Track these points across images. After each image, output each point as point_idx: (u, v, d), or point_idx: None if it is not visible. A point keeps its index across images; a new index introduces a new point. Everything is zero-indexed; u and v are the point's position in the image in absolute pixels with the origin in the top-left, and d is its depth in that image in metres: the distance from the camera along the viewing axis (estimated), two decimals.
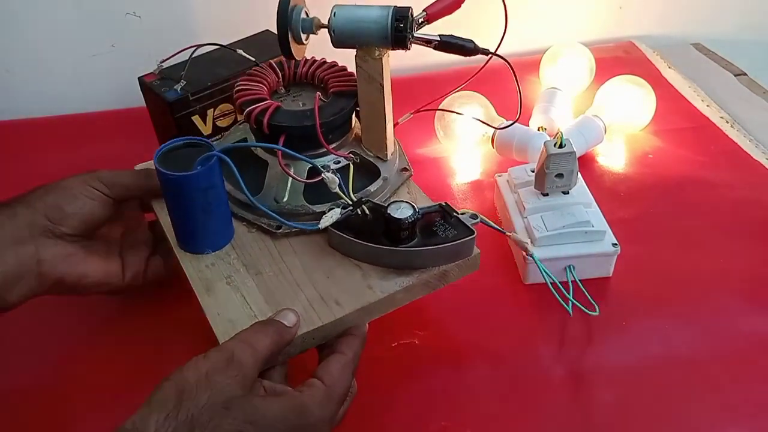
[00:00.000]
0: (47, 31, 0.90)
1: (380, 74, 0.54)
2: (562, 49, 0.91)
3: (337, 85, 0.58)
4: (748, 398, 0.53)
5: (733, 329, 0.59)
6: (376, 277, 0.52)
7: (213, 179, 0.51)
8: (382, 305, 0.51)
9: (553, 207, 0.63)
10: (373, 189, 0.57)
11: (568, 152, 0.62)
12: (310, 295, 0.51)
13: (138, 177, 0.57)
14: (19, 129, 0.90)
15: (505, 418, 0.53)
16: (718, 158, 0.79)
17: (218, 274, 0.53)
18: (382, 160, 0.59)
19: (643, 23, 1.06)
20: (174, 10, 0.91)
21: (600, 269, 0.63)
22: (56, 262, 0.52)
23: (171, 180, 0.50)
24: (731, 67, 0.99)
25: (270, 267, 0.53)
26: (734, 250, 0.66)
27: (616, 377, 0.55)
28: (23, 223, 0.51)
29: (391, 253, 0.52)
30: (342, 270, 0.52)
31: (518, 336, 0.59)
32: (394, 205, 0.51)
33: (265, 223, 0.56)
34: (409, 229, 0.51)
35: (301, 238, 0.55)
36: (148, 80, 0.74)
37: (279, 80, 0.60)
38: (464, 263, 0.53)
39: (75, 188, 0.54)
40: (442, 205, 0.54)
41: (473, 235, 0.52)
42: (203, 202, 0.51)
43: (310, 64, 0.61)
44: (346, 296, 0.50)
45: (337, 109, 0.56)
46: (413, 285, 0.52)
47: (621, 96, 0.81)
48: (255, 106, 0.55)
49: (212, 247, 0.54)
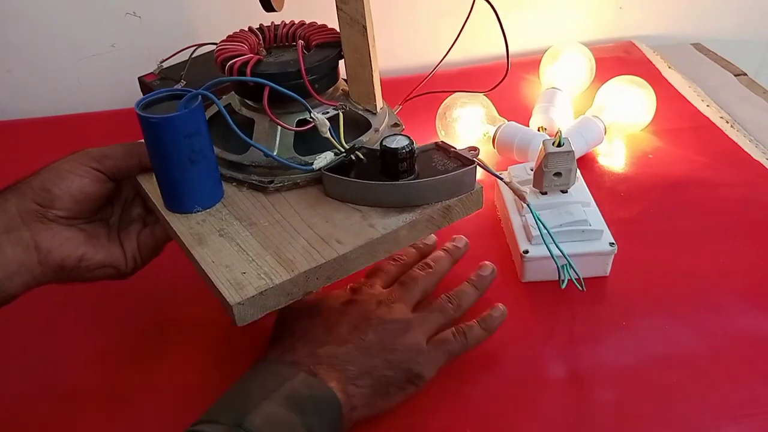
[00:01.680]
0: (47, 31, 0.90)
1: (362, 15, 0.52)
2: (562, 49, 0.91)
3: (319, 38, 0.57)
4: (748, 398, 0.53)
5: (733, 329, 0.59)
6: (377, 217, 0.50)
7: (198, 124, 0.48)
8: (386, 242, 0.49)
9: (551, 205, 0.63)
10: (365, 140, 0.55)
11: (566, 151, 0.62)
12: (309, 236, 0.49)
13: (127, 147, 0.55)
14: (19, 129, 0.90)
15: (505, 418, 0.53)
16: (718, 158, 0.79)
17: (210, 228, 0.50)
18: (371, 113, 0.57)
19: (643, 23, 1.06)
20: (174, 10, 0.91)
21: (597, 268, 0.63)
22: (54, 246, 0.50)
23: (154, 124, 0.46)
24: (731, 67, 0.99)
25: (264, 218, 0.51)
26: (734, 250, 0.66)
27: (615, 377, 0.55)
28: (14, 211, 0.50)
29: (390, 189, 0.50)
30: (341, 214, 0.51)
31: (517, 335, 0.59)
32: (389, 138, 0.50)
33: (256, 179, 0.53)
34: (407, 160, 0.49)
35: (294, 192, 0.53)
36: (148, 80, 0.74)
37: (260, 42, 0.58)
38: (467, 198, 0.51)
39: (62, 167, 0.52)
40: (437, 143, 0.53)
41: (473, 164, 0.50)
42: (189, 150, 0.48)
43: (289, 25, 0.59)
44: (347, 235, 0.49)
45: (322, 56, 0.54)
46: (416, 220, 0.50)
47: (621, 96, 0.81)
48: (236, 60, 0.53)
49: (201, 204, 0.52)
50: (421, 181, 0.50)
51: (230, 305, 0.44)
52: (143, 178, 0.55)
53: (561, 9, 1.02)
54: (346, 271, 0.48)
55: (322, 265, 0.47)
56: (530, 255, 0.61)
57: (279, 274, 0.46)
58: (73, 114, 0.92)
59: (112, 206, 0.57)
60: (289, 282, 0.46)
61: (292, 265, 0.47)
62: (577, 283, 0.58)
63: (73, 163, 0.52)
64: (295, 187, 0.53)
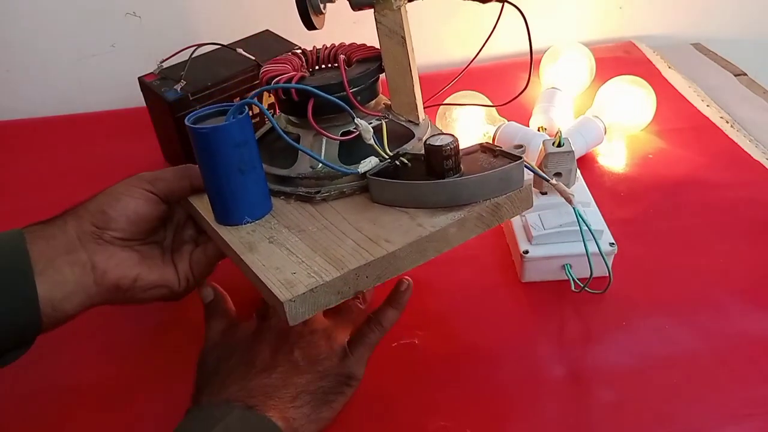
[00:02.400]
0: (47, 31, 0.90)
1: (401, 26, 0.53)
2: (562, 49, 0.91)
3: (359, 54, 0.58)
4: (748, 398, 0.53)
5: (733, 329, 0.59)
6: (426, 216, 0.50)
7: (246, 133, 0.49)
8: (435, 242, 0.49)
9: (551, 206, 0.63)
10: (409, 147, 0.56)
11: (566, 151, 0.62)
12: (357, 238, 0.49)
13: (178, 170, 0.57)
14: (19, 129, 0.90)
15: (505, 418, 0.53)
16: (718, 158, 0.79)
17: (260, 236, 0.51)
18: (414, 124, 0.58)
19: (643, 23, 1.06)
20: (174, 10, 0.91)
21: (597, 268, 0.63)
22: (110, 267, 0.52)
23: (204, 135, 0.48)
24: (731, 67, 0.99)
25: (313, 225, 0.52)
26: (734, 250, 0.66)
27: (615, 377, 0.55)
28: (73, 233, 0.51)
29: (437, 188, 0.49)
30: (388, 216, 0.51)
31: (517, 335, 0.59)
32: (432, 137, 0.50)
33: (303, 191, 0.54)
34: (452, 158, 0.49)
35: (341, 201, 0.54)
36: (148, 80, 0.74)
37: (303, 64, 0.60)
38: (516, 196, 0.51)
39: (117, 191, 0.53)
40: (482, 144, 0.53)
41: (521, 160, 0.50)
42: (238, 159, 0.49)
43: (330, 48, 0.61)
44: (395, 235, 0.49)
45: (363, 69, 0.55)
46: (465, 218, 0.49)
47: (621, 96, 0.81)
48: (280, 77, 0.54)
49: (251, 215, 0.52)
50: (468, 177, 0.49)
51: (281, 302, 0.44)
52: (194, 197, 0.57)
53: (561, 9, 1.02)
54: (396, 270, 0.48)
55: (371, 263, 0.47)
56: (530, 255, 0.61)
57: (329, 272, 0.46)
58: (73, 114, 0.92)
59: (165, 229, 0.58)
60: (339, 279, 0.46)
61: (341, 263, 0.47)
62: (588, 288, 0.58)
63: (127, 186, 0.54)
64: (341, 196, 0.54)
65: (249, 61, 0.75)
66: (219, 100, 0.74)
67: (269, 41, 0.81)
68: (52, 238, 0.50)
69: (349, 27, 0.68)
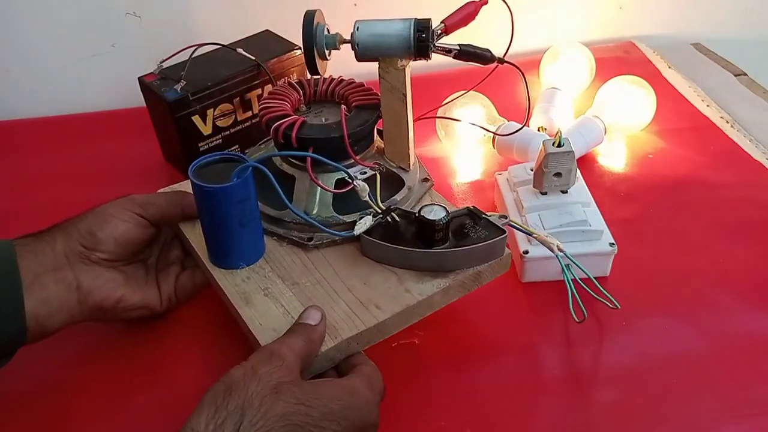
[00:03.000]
0: (47, 31, 0.90)
1: (403, 84, 0.56)
2: (562, 49, 0.91)
3: (358, 99, 0.60)
4: (748, 398, 0.53)
5: (733, 329, 0.59)
6: (413, 281, 0.53)
7: (248, 191, 0.52)
8: (421, 308, 0.52)
9: (551, 206, 0.63)
10: (398, 198, 0.59)
11: (567, 151, 0.62)
12: (349, 300, 0.52)
13: (171, 197, 0.58)
14: (19, 129, 0.90)
15: (505, 418, 0.53)
16: (718, 158, 0.79)
17: (255, 286, 0.53)
18: (405, 171, 0.61)
19: (643, 23, 1.06)
20: (174, 10, 0.91)
21: (597, 268, 0.63)
22: (94, 288, 0.52)
23: (209, 193, 0.50)
24: (731, 67, 0.99)
25: (306, 277, 0.54)
26: (734, 250, 0.66)
27: (616, 377, 0.55)
28: (61, 250, 0.51)
29: (425, 256, 0.53)
30: (378, 276, 0.53)
31: (517, 335, 0.59)
32: (426, 208, 0.53)
33: (296, 235, 0.57)
34: (443, 231, 0.52)
35: (332, 249, 0.56)
36: (148, 80, 0.74)
37: (300, 98, 0.62)
38: (497, 263, 0.54)
39: (107, 212, 0.54)
40: (470, 208, 0.55)
41: (504, 234, 0.53)
42: (239, 214, 0.52)
43: (329, 82, 0.63)
44: (385, 300, 0.51)
45: (362, 121, 0.58)
46: (450, 286, 0.53)
47: (621, 96, 0.81)
48: (282, 121, 0.57)
49: (246, 261, 0.55)
50: (455, 249, 0.53)
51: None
52: (187, 228, 0.58)
53: (561, 9, 1.02)
54: (383, 335, 0.51)
55: (362, 332, 0.49)
56: (530, 255, 0.61)
57: (324, 342, 0.48)
58: (73, 114, 0.92)
59: (151, 248, 0.59)
60: (333, 349, 0.48)
61: (335, 331, 0.49)
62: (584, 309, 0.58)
63: (117, 208, 0.54)
64: (333, 244, 0.56)
65: (249, 61, 0.75)
66: (219, 100, 0.74)
67: (269, 41, 0.81)
68: (41, 253, 0.51)
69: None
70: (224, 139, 0.77)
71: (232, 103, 0.76)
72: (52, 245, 0.51)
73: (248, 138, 0.79)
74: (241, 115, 0.77)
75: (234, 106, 0.76)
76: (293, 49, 0.79)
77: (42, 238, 0.52)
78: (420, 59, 0.55)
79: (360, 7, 0.93)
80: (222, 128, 0.76)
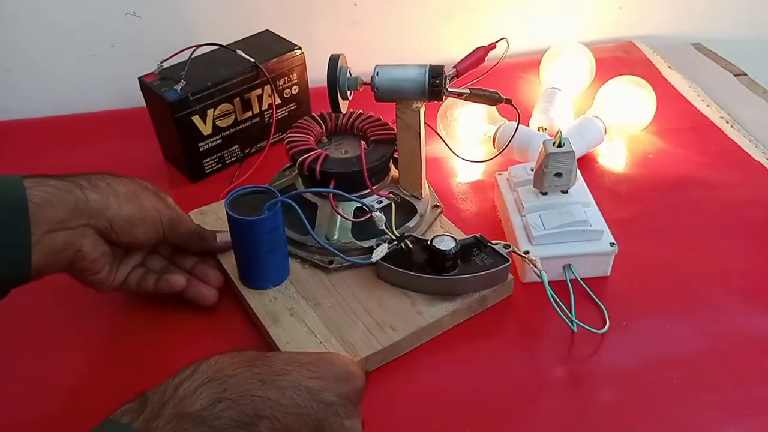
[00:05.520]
0: (47, 31, 0.90)
1: (417, 123, 0.61)
2: (562, 49, 0.91)
3: (376, 133, 0.66)
4: (748, 398, 0.53)
5: (733, 329, 0.59)
6: (424, 304, 0.58)
7: (277, 222, 0.57)
8: (432, 329, 0.57)
9: (551, 206, 0.63)
10: (411, 225, 0.65)
11: (567, 151, 0.62)
12: (367, 322, 0.57)
13: (194, 234, 0.60)
14: (19, 129, 0.90)
15: (505, 418, 0.53)
16: (718, 158, 0.79)
17: (281, 306, 0.59)
18: (417, 199, 0.66)
19: (643, 23, 1.06)
20: (174, 10, 0.91)
21: (598, 268, 0.63)
22: (87, 252, 0.53)
23: (243, 224, 0.56)
24: (731, 67, 0.99)
25: (327, 299, 0.59)
26: (734, 250, 0.66)
27: (616, 377, 0.55)
28: (84, 221, 0.52)
29: (436, 282, 0.58)
30: (392, 299, 0.59)
31: (517, 335, 0.59)
32: (437, 238, 0.58)
33: (318, 259, 0.62)
34: (452, 259, 0.58)
35: (351, 271, 0.62)
36: (148, 80, 0.74)
37: (323, 131, 0.67)
38: (500, 288, 0.60)
39: (142, 213, 0.55)
40: (477, 237, 0.61)
41: (508, 262, 0.59)
42: (268, 242, 0.57)
43: (348, 116, 0.68)
44: (399, 322, 0.57)
45: (380, 155, 0.63)
46: (458, 309, 0.58)
47: (621, 96, 0.81)
48: (307, 156, 0.62)
49: (273, 282, 0.60)
50: (463, 276, 0.58)
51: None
52: (224, 259, 0.63)
53: (561, 9, 1.02)
54: (396, 354, 0.56)
55: (379, 351, 0.54)
56: (530, 255, 0.61)
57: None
58: (73, 114, 0.92)
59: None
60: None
61: (354, 349, 0.54)
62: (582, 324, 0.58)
63: (152, 211, 0.56)
64: (351, 267, 0.62)
65: (249, 62, 0.75)
66: (219, 100, 0.74)
67: (269, 41, 0.81)
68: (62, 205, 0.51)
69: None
70: (224, 139, 0.77)
71: (232, 104, 0.76)
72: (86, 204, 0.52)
73: (248, 138, 0.79)
74: (241, 115, 0.77)
75: (234, 107, 0.76)
76: (293, 49, 0.79)
77: (73, 193, 0.51)
78: (434, 101, 0.60)
79: (360, 7, 0.92)
80: (222, 128, 0.76)
